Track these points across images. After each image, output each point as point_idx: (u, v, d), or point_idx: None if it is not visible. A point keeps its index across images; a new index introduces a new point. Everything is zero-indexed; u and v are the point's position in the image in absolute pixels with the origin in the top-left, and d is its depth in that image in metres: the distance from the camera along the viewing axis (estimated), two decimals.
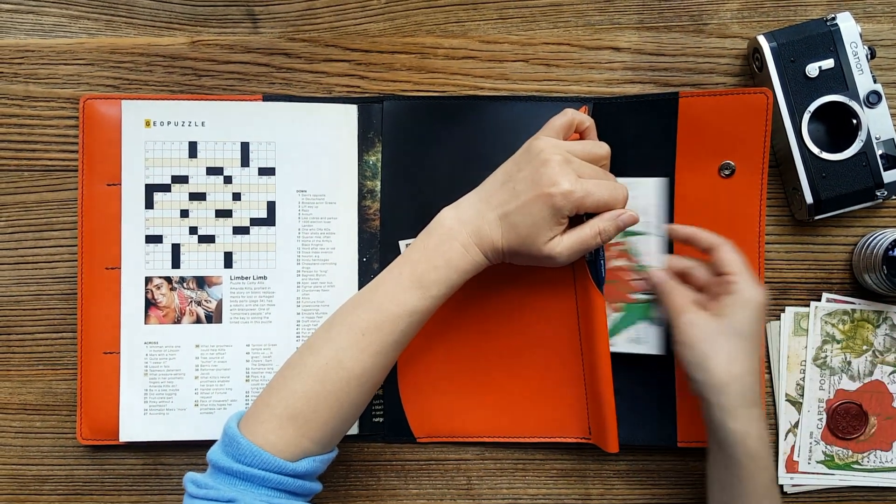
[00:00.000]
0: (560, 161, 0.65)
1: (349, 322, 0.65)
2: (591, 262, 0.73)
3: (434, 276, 0.66)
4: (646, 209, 0.75)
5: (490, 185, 0.68)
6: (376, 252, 0.77)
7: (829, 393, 0.76)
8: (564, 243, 0.66)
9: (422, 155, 0.76)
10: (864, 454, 0.76)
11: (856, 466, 0.76)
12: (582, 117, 0.70)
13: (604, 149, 0.69)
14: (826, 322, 0.76)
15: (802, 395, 0.76)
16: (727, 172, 0.74)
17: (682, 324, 0.68)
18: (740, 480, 0.65)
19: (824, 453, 0.76)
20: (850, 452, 0.76)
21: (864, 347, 0.76)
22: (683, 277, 0.72)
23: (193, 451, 0.77)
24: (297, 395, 0.63)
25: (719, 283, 0.69)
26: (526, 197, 0.65)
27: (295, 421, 0.63)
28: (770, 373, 0.76)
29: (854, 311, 0.76)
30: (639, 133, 0.75)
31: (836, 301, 0.76)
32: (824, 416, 0.76)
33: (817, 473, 0.76)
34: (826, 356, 0.76)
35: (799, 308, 0.76)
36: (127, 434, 0.75)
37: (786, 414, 0.76)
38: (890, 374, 0.76)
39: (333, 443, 0.66)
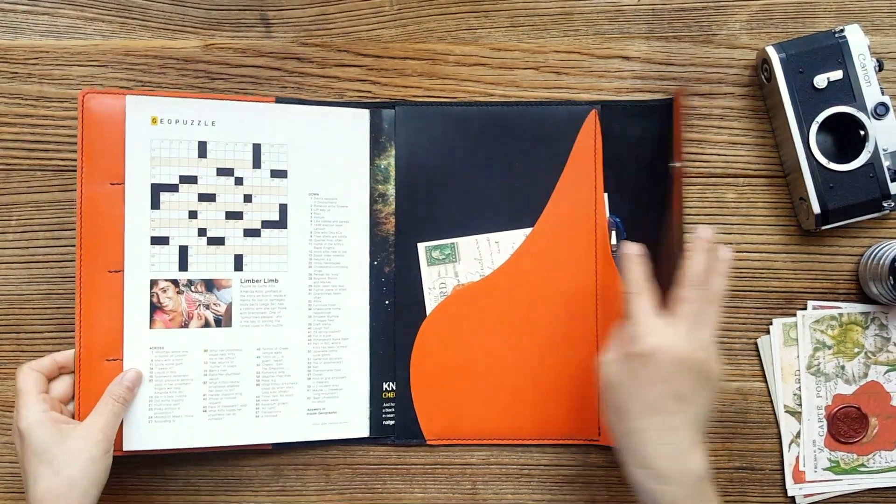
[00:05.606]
0: None
1: None
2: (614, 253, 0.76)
3: None
4: None
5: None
6: (388, 255, 0.77)
7: (827, 399, 0.76)
8: None
9: (434, 160, 0.77)
10: (869, 456, 0.76)
11: (862, 469, 0.76)
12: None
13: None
14: (815, 329, 0.76)
15: (801, 405, 0.76)
16: None
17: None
18: None
19: (829, 460, 0.76)
20: (855, 456, 0.76)
21: (856, 350, 0.76)
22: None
23: (200, 459, 0.76)
24: None
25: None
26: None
27: None
28: (767, 386, 0.77)
29: (841, 315, 0.76)
30: (641, 135, 0.77)
31: (822, 308, 0.77)
32: (825, 422, 0.76)
33: (825, 481, 0.76)
34: (819, 363, 0.76)
35: (786, 319, 0.77)
36: (131, 443, 0.72)
37: (786, 425, 0.76)
38: (885, 373, 0.76)
39: None
